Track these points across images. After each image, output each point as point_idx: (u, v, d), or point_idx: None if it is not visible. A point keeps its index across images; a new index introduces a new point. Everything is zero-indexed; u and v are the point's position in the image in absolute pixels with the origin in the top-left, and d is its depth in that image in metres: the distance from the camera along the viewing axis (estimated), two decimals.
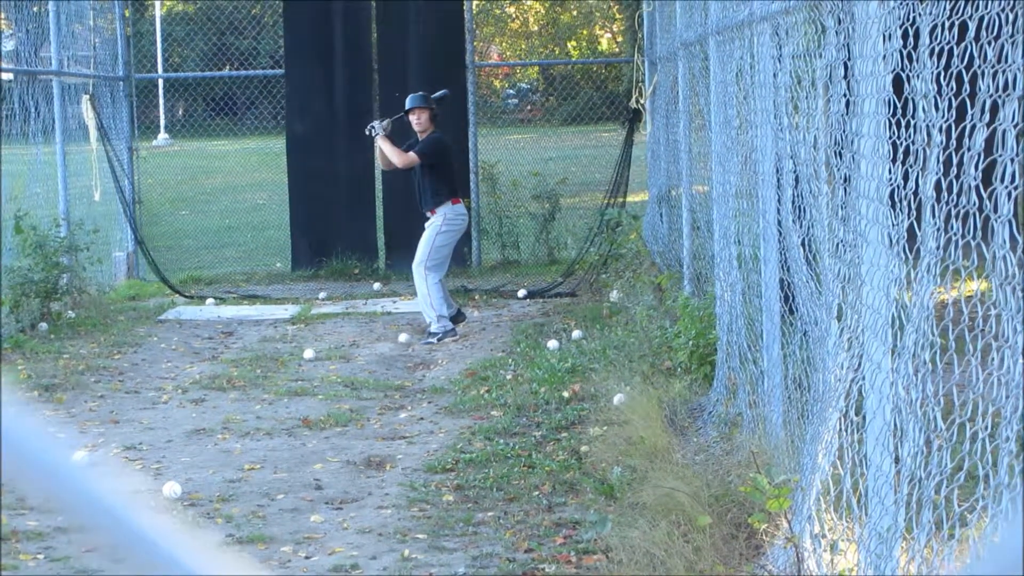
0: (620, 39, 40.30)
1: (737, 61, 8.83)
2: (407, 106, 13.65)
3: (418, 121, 13.55)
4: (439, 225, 13.49)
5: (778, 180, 7.40)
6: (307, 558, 7.32)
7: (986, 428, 3.46)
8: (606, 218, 16.39)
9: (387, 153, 13.57)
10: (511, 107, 37.82)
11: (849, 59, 5.36)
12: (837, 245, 5.49)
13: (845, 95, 5.42)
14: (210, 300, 16.15)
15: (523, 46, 42.67)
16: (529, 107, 38.14)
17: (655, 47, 17.05)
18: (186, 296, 16.43)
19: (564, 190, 18.77)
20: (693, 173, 12.66)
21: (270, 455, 9.38)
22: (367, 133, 13.82)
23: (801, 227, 6.63)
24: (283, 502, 8.30)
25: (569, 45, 42.13)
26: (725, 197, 9.46)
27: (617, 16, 38.65)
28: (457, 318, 13.67)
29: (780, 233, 7.43)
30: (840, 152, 5.53)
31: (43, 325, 13.92)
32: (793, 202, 6.87)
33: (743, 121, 8.74)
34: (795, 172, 6.81)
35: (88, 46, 17.77)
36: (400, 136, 13.87)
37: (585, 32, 42.09)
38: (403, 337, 13.43)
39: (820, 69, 6.03)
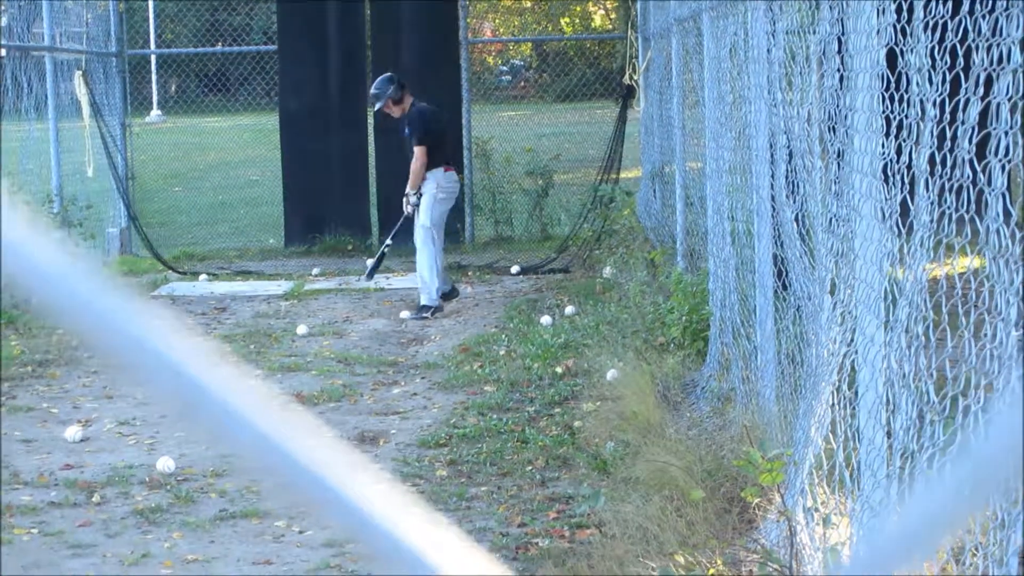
0: (613, 15, 40.24)
1: (731, 36, 8.82)
2: (374, 109, 13.86)
3: (390, 111, 13.58)
4: (434, 191, 13.40)
5: (772, 155, 7.40)
6: (301, 533, 7.34)
7: (979, 401, 3.47)
8: (599, 194, 16.39)
9: (414, 183, 13.44)
10: (504, 83, 37.80)
11: (843, 34, 5.36)
12: (831, 220, 5.49)
13: (839, 70, 5.43)
14: (203, 276, 16.14)
15: (516, 23, 42.59)
16: (523, 83, 38.11)
17: (649, 23, 17.03)
18: (179, 272, 16.41)
19: (557, 166, 18.75)
20: (686, 149, 12.66)
21: None
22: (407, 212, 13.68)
23: (794, 202, 6.63)
24: None
25: (562, 21, 42.06)
26: (719, 172, 9.46)
27: None
28: (451, 294, 13.66)
29: (774, 208, 7.44)
30: (834, 127, 5.53)
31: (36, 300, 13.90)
32: (787, 177, 6.87)
33: (737, 97, 8.73)
34: (789, 147, 6.81)
35: (81, 22, 17.75)
36: (390, 129, 13.89)
37: (578, 8, 42.02)
38: (405, 313, 13.39)
39: (814, 44, 6.03)
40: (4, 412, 9.95)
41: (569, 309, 12.80)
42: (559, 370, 10.53)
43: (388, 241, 13.91)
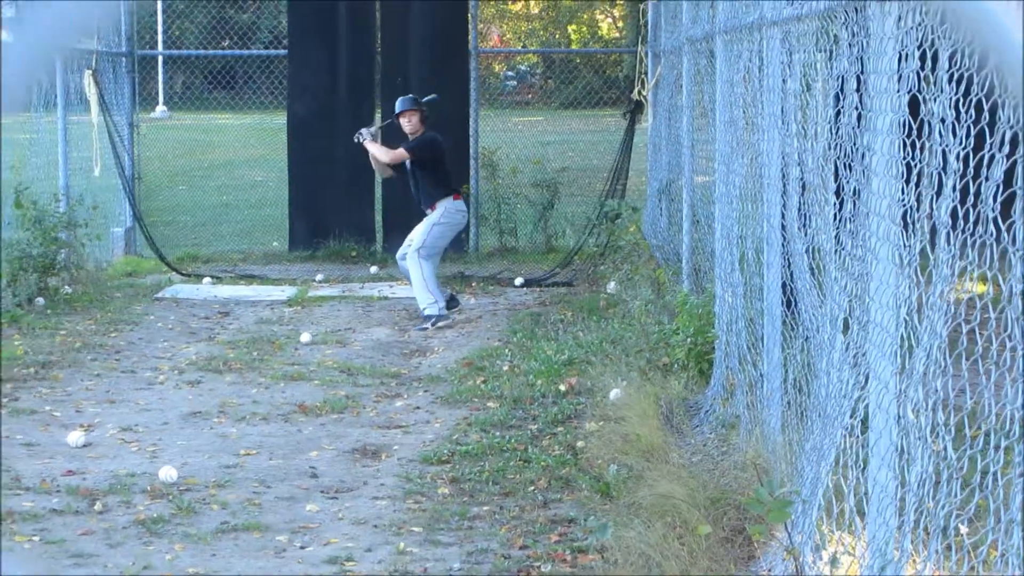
0: (621, 24, 40.27)
1: (745, 62, 8.82)
2: (397, 109, 13.60)
3: (409, 123, 13.51)
4: (437, 217, 13.47)
5: (784, 186, 7.39)
6: (302, 548, 7.33)
7: (998, 462, 3.47)
8: (605, 209, 16.39)
9: (374, 152, 13.60)
10: (510, 89, 37.83)
11: (863, 72, 5.35)
12: (844, 258, 5.49)
13: (857, 108, 5.42)
14: (207, 279, 16.13)
15: (523, 28, 42.63)
16: (528, 90, 38.16)
17: (659, 39, 17.03)
18: (183, 274, 16.41)
19: (562, 177, 18.76)
20: (695, 169, 12.66)
21: (266, 441, 9.39)
22: (356, 140, 13.78)
23: (806, 235, 6.63)
24: (279, 490, 8.31)
25: (569, 29, 42.09)
26: (728, 197, 9.45)
27: (619, 1, 38.60)
28: (450, 304, 13.67)
29: (784, 238, 7.43)
30: (850, 164, 5.52)
31: (40, 300, 13.91)
32: (799, 209, 6.87)
33: (749, 122, 8.73)
34: (802, 179, 6.81)
35: None
36: (392, 139, 13.82)
37: (586, 16, 42.07)
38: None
39: (832, 79, 6.03)
40: (6, 414, 9.94)
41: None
42: (562, 388, 10.53)
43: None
